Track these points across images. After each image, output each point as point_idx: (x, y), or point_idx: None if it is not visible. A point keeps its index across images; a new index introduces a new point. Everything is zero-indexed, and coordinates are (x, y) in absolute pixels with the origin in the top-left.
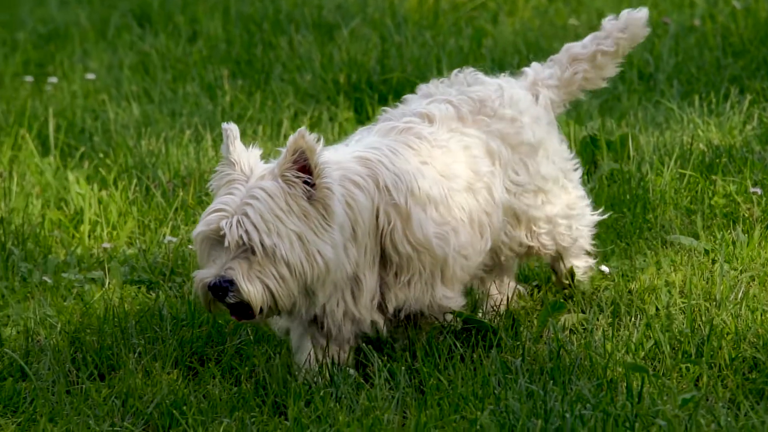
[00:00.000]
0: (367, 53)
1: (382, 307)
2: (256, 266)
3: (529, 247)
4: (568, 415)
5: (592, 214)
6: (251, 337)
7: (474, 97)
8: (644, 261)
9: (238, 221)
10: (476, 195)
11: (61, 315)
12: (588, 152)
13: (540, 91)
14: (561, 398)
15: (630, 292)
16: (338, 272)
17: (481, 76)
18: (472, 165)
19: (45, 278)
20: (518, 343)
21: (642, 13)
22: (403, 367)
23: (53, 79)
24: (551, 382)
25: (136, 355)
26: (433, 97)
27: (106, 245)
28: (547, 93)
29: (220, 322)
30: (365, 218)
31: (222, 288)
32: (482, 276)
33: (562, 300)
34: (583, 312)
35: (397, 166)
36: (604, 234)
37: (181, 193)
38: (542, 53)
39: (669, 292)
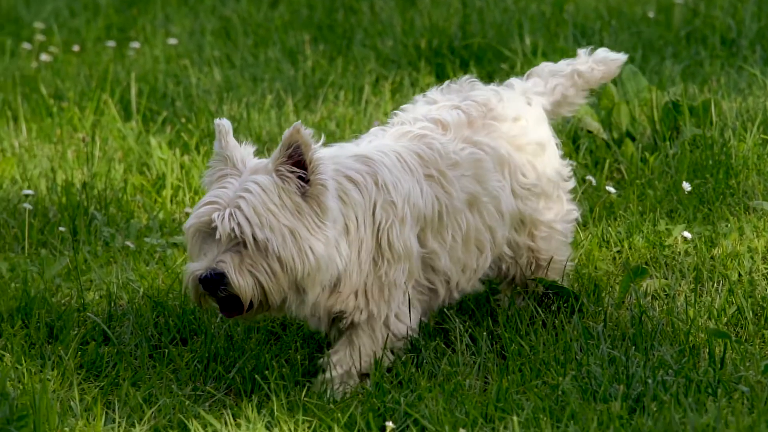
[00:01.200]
0: (448, 18)
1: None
2: (248, 260)
3: (527, 248)
4: (650, 381)
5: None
6: None
7: (479, 101)
8: (726, 227)
9: (231, 214)
10: (481, 209)
11: (144, 279)
12: (670, 118)
13: (532, 98)
14: (643, 364)
15: (712, 258)
16: (330, 269)
17: (477, 83)
18: (481, 178)
19: (127, 243)
20: (600, 308)
21: (619, 57)
22: (484, 333)
23: (135, 44)
24: (633, 347)
25: (218, 319)
26: (439, 103)
27: (188, 210)
28: (539, 99)
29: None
30: (358, 214)
31: (213, 281)
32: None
33: (644, 266)
34: (666, 278)
35: (399, 171)
36: (686, 200)
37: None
38: (623, 18)
39: (752, 258)
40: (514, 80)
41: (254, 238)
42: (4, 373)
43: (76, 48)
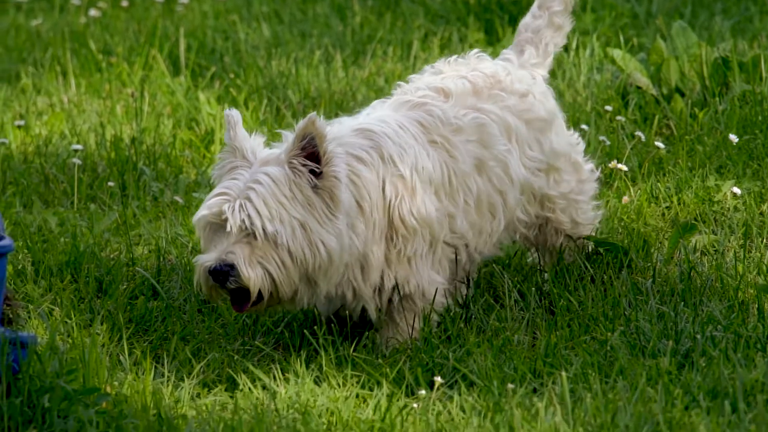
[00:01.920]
0: None
1: (376, 290)
2: (258, 252)
3: (547, 219)
4: (699, 337)
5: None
6: None
7: (488, 73)
8: None
9: (241, 205)
10: (489, 173)
11: (192, 234)
12: (719, 74)
13: (534, 72)
14: (692, 320)
15: (761, 213)
16: (344, 258)
17: (485, 56)
18: (486, 143)
19: (176, 198)
20: (649, 264)
21: None
22: (533, 288)
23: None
24: (682, 303)
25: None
26: (445, 73)
27: None
28: (539, 72)
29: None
30: (371, 193)
31: (222, 272)
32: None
33: (693, 221)
34: (715, 233)
35: (402, 139)
36: (735, 155)
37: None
38: None
39: None
40: (508, 54)
41: (264, 231)
42: (53, 327)
43: (124, 3)
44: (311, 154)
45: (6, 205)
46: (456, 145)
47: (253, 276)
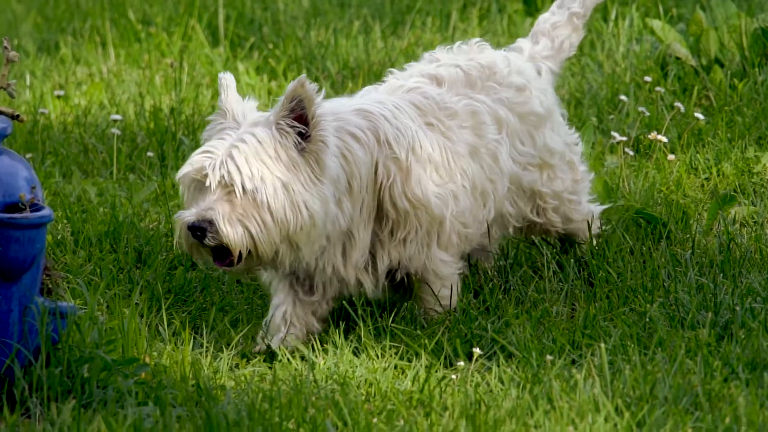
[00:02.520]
0: None
1: (369, 268)
2: (239, 209)
3: (535, 223)
4: (738, 308)
5: (589, 201)
6: None
7: (483, 63)
8: None
9: (222, 162)
10: (481, 161)
11: None
12: (759, 45)
13: (540, 64)
14: (731, 291)
15: None
16: (328, 227)
17: (487, 46)
18: (479, 130)
19: None
20: (688, 236)
21: None
22: (572, 260)
23: None
24: (721, 275)
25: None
26: (441, 61)
27: None
28: (547, 66)
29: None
30: (362, 172)
31: (201, 228)
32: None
33: (732, 193)
34: (754, 205)
35: (399, 120)
36: None
37: (350, 84)
38: None
39: None
40: (522, 43)
41: (243, 188)
42: (93, 297)
43: None
44: (299, 116)
45: (45, 175)
46: (451, 128)
47: (231, 233)
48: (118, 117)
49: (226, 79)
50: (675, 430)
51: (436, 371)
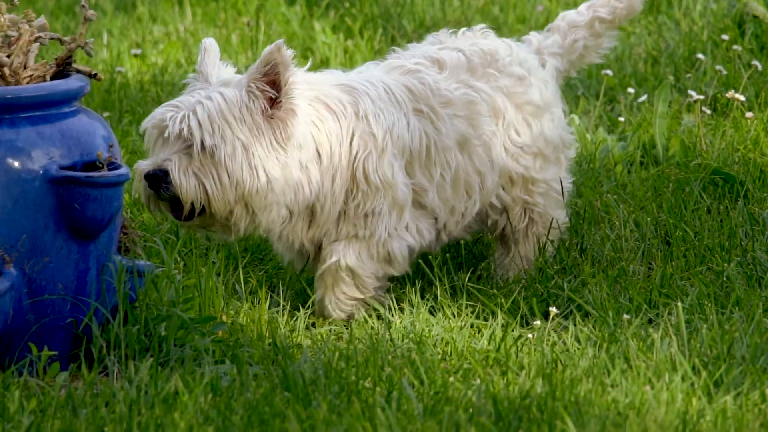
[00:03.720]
0: None
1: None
2: (196, 164)
3: (522, 202)
4: None
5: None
6: None
7: (485, 50)
8: None
9: (184, 116)
10: (471, 153)
11: None
12: None
13: (546, 59)
14: None
15: None
16: (288, 195)
17: (491, 33)
18: (473, 120)
19: None
20: (765, 194)
21: None
22: (648, 219)
23: None
24: None
25: None
26: (444, 44)
27: None
28: (552, 62)
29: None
30: (332, 143)
31: (156, 177)
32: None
33: None
34: None
35: (384, 103)
36: None
37: None
38: None
39: None
40: (533, 35)
41: (202, 143)
42: (170, 256)
43: None
44: (272, 81)
45: (122, 133)
46: (442, 117)
47: (185, 184)
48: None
49: (207, 44)
50: (752, 389)
51: (513, 330)
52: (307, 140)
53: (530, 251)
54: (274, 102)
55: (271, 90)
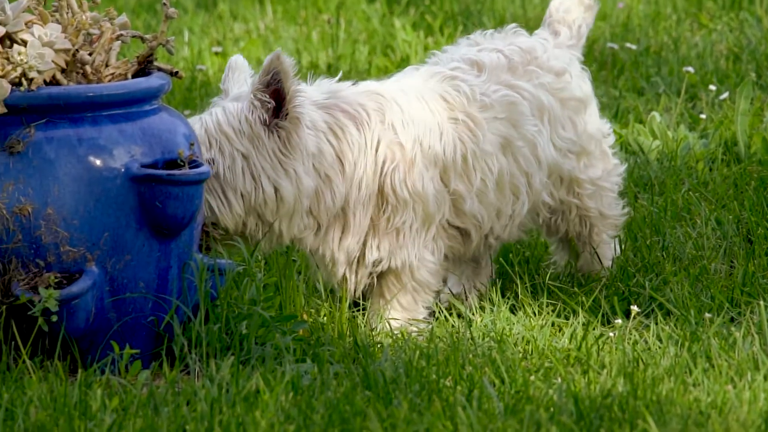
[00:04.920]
0: None
1: (356, 263)
2: None
3: (573, 205)
4: None
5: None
6: None
7: (524, 47)
8: None
9: None
10: (515, 154)
11: None
12: None
13: (569, 53)
14: None
15: None
16: (303, 202)
17: (522, 31)
18: (515, 122)
19: None
20: None
21: None
22: (730, 216)
23: None
24: None
25: None
26: (481, 45)
27: None
28: (574, 54)
29: None
30: (355, 151)
31: None
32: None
33: None
34: None
35: (415, 112)
36: None
37: None
38: None
39: None
40: (543, 34)
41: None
42: (250, 253)
43: None
44: (276, 90)
45: None
46: (480, 122)
47: None
48: None
49: (234, 62)
50: None
51: (594, 329)
52: (323, 148)
53: (602, 254)
54: (278, 111)
55: (270, 100)
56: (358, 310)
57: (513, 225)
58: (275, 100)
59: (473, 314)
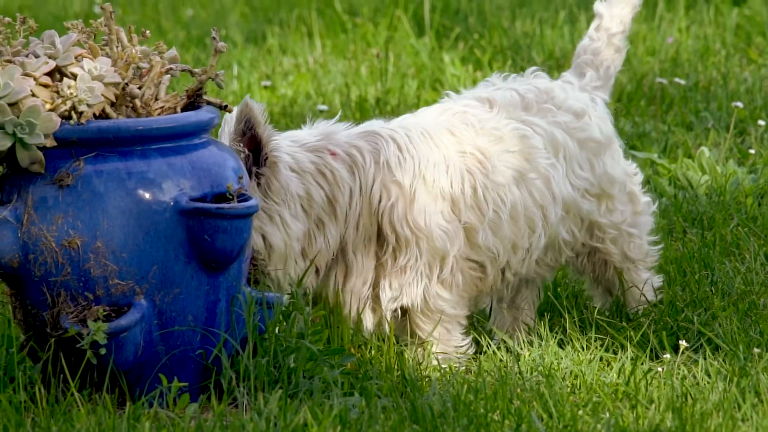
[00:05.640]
0: None
1: (370, 302)
2: None
3: (594, 249)
4: None
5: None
6: None
7: (541, 88)
8: None
9: None
10: (529, 186)
11: None
12: None
13: (594, 94)
14: None
15: None
16: (294, 246)
17: (542, 74)
18: (528, 155)
19: None
20: None
21: None
22: None
23: None
24: None
25: None
26: (497, 86)
27: None
28: (599, 95)
29: None
30: (346, 193)
31: None
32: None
33: None
34: None
35: (415, 147)
36: None
37: (555, 75)
38: None
39: None
40: (569, 77)
41: None
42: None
43: None
44: (251, 137)
45: None
46: (490, 155)
47: None
48: (324, 107)
49: (229, 117)
50: None
51: (642, 363)
52: (311, 191)
53: (631, 296)
54: (258, 158)
55: (243, 147)
56: (406, 345)
57: (530, 260)
58: (253, 147)
59: (521, 348)
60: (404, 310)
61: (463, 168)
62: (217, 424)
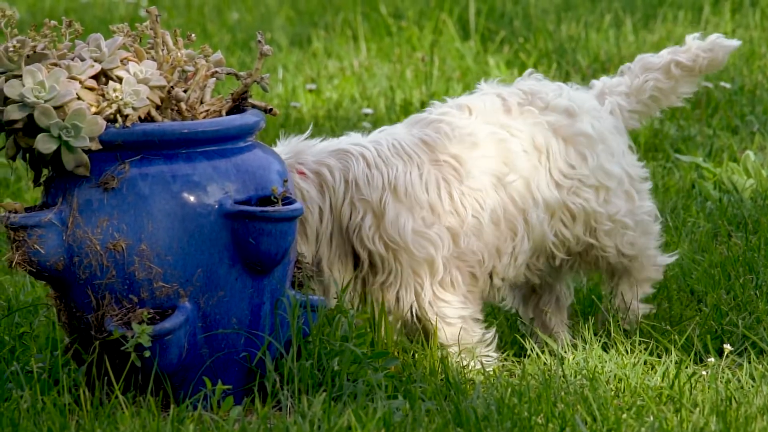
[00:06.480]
0: None
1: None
2: None
3: (588, 246)
4: None
5: (660, 250)
6: None
7: (525, 90)
8: None
9: None
10: (508, 191)
11: None
12: None
13: (606, 97)
14: None
15: None
16: None
17: (539, 77)
18: (506, 159)
19: None
20: None
21: (733, 43)
22: None
23: None
24: None
25: None
26: (483, 91)
27: None
28: (614, 99)
29: None
30: (315, 212)
31: None
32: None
33: None
34: None
35: (385, 161)
36: None
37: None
38: None
39: None
40: (602, 79)
41: None
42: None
43: None
44: None
45: None
46: (465, 161)
47: None
48: (369, 111)
49: None
50: None
51: (686, 367)
52: None
53: (634, 298)
54: None
55: None
56: (449, 347)
57: (516, 264)
58: None
59: (565, 352)
60: (419, 318)
61: (438, 176)
62: (261, 426)
